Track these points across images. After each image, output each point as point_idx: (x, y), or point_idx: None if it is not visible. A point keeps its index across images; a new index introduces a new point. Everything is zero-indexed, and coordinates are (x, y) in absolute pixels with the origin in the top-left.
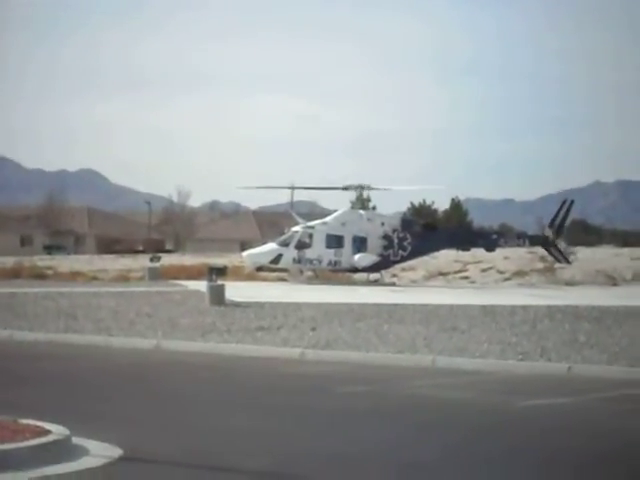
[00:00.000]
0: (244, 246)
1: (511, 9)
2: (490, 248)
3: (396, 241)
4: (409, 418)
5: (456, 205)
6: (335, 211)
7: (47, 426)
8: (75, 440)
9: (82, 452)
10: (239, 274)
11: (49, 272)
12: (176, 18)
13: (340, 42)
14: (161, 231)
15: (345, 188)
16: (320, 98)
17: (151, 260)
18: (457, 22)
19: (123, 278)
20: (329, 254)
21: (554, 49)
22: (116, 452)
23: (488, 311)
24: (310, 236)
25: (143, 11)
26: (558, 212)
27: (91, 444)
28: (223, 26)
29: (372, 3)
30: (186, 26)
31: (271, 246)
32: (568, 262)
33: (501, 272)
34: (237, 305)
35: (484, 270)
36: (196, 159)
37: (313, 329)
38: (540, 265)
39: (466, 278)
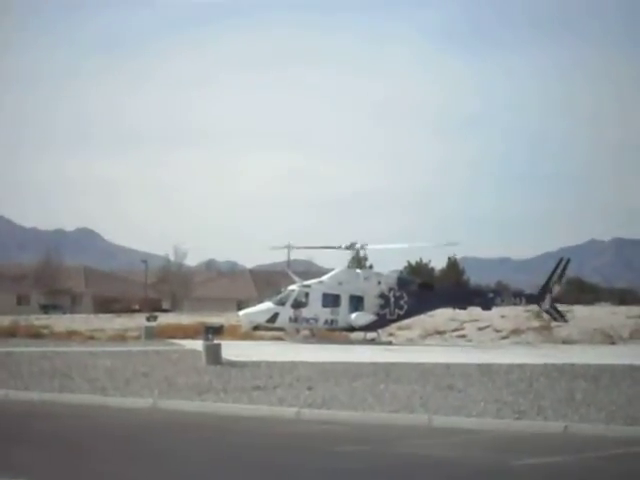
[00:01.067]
0: (241, 305)
1: (509, 65)
2: (487, 306)
3: (392, 300)
4: (404, 478)
5: (452, 264)
6: (332, 270)
7: None
8: None
9: None
10: (236, 333)
11: (45, 331)
12: (171, 73)
13: (335, 99)
14: (158, 290)
15: (347, 247)
16: (317, 156)
17: (148, 319)
18: (452, 78)
19: (120, 337)
20: (326, 313)
21: (551, 105)
22: None
23: (484, 370)
24: (306, 295)
25: (136, 67)
26: (554, 271)
27: None
28: (219, 82)
29: (365, 59)
30: (182, 81)
31: (267, 305)
32: (565, 320)
33: (498, 330)
34: (233, 364)
35: (481, 329)
36: (193, 217)
37: (309, 388)
38: (537, 323)
39: (463, 337)
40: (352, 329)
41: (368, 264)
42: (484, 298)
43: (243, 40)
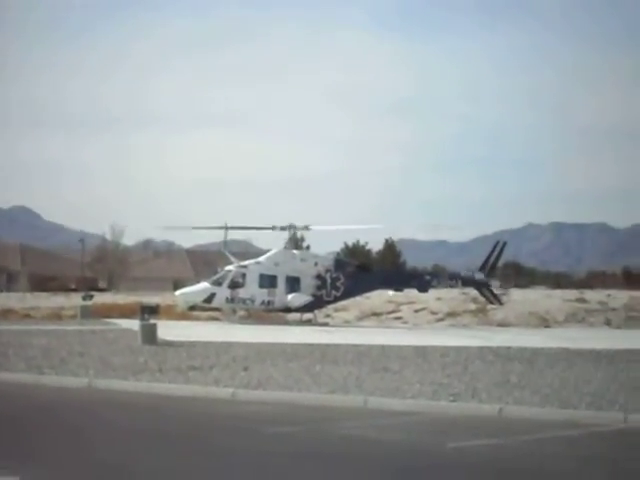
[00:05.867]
0: (177, 285)
1: (450, 49)
2: (423, 289)
3: (329, 281)
4: (337, 459)
5: (390, 246)
6: (269, 251)
7: None
8: None
9: None
10: (172, 313)
11: None
12: (119, 53)
13: (289, 79)
14: (94, 269)
15: (282, 228)
16: (263, 137)
17: (84, 298)
18: (399, 62)
19: (56, 316)
20: (262, 294)
21: (491, 89)
22: None
23: (420, 352)
24: (243, 275)
25: (81, 48)
26: (490, 253)
27: None
28: (163, 63)
29: (317, 42)
30: (124, 62)
31: (204, 285)
32: (500, 303)
33: (434, 313)
34: (169, 344)
35: (417, 311)
36: (131, 197)
37: (245, 369)
38: (472, 306)
39: (399, 318)
40: (289, 310)
41: (305, 245)
42: (420, 280)
43: (192, 21)
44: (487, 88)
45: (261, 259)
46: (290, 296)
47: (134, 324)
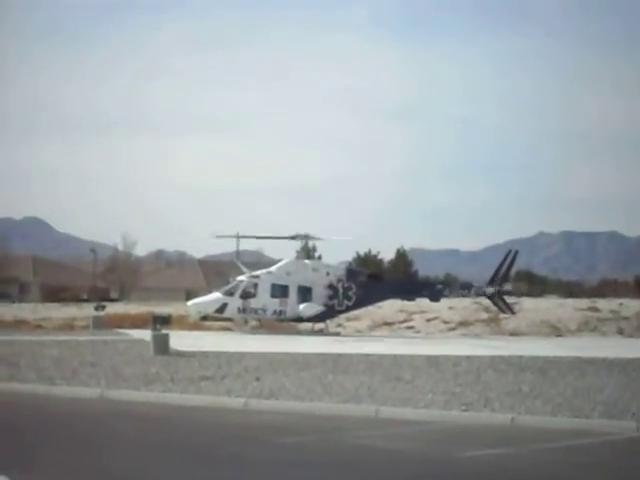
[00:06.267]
0: (189, 295)
1: (453, 54)
2: (435, 298)
3: (341, 291)
4: (349, 469)
5: (401, 255)
6: (280, 260)
7: None
8: None
9: None
10: (184, 323)
11: None
12: (117, 61)
13: (290, 83)
14: (106, 279)
15: (292, 237)
16: (273, 144)
17: (96, 309)
18: (404, 67)
19: (67, 326)
20: (274, 303)
21: (500, 96)
22: None
23: (432, 361)
24: (255, 286)
25: (80, 50)
26: (502, 262)
27: None
28: (167, 68)
29: (316, 46)
30: (129, 70)
31: (216, 295)
32: (512, 312)
33: (446, 322)
34: (181, 354)
35: (429, 320)
36: (143, 207)
37: (257, 379)
38: (485, 315)
39: (411, 328)
40: (300, 320)
41: (317, 255)
42: (432, 289)
43: (191, 25)
44: (491, 93)
45: (273, 269)
46: (302, 306)
47: (146, 334)
